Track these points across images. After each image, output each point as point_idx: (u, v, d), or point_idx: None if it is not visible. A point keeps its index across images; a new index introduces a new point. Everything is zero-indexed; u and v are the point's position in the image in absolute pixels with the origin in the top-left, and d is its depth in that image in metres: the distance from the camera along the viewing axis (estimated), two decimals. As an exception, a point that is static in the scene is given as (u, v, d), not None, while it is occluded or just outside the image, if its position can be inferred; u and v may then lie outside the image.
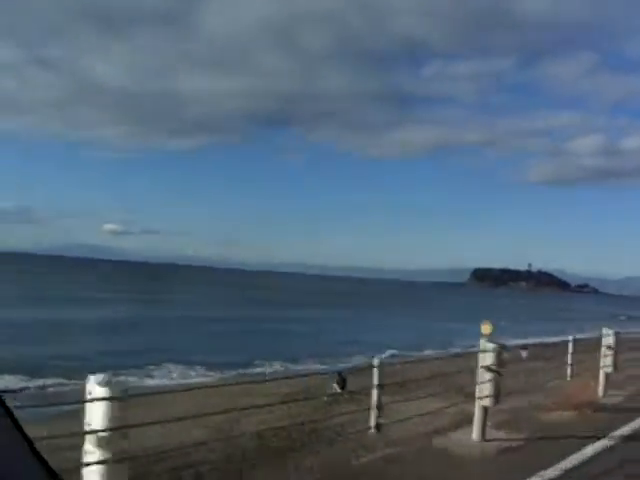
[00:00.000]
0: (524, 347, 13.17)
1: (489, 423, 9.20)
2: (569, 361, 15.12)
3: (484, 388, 8.98)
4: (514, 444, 8.89)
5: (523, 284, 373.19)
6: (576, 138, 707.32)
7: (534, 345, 23.18)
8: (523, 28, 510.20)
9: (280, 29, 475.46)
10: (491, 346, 8.88)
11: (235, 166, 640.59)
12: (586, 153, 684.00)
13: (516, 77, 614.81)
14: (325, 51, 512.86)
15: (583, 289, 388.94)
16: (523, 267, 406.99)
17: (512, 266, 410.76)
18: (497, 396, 9.00)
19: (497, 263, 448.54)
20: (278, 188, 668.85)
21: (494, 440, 8.99)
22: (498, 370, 8.92)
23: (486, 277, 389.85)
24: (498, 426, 9.71)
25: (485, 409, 8.98)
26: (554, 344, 20.29)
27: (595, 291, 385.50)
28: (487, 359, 8.93)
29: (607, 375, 13.57)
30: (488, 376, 8.93)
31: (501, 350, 9.06)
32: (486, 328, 8.96)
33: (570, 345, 15.08)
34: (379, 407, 8.48)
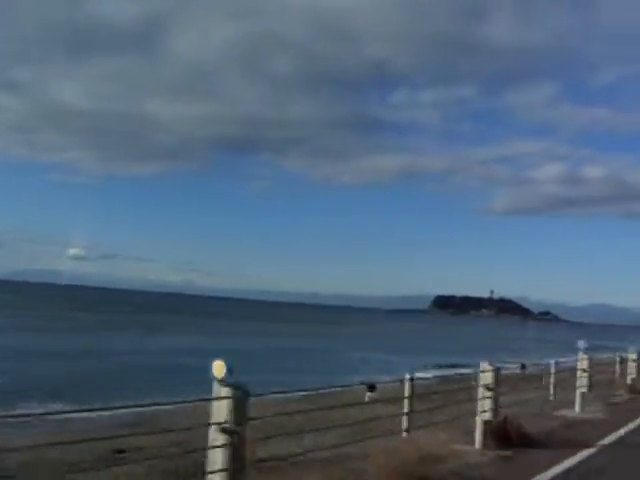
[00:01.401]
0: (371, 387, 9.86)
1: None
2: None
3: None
4: None
5: (485, 311, 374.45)
6: (539, 167, 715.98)
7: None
8: (488, 56, 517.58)
9: (247, 55, 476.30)
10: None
11: (201, 192, 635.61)
12: (549, 182, 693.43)
13: (481, 105, 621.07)
14: (293, 77, 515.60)
15: (545, 316, 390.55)
16: (485, 294, 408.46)
17: (474, 293, 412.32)
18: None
19: (459, 290, 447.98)
20: (244, 215, 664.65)
21: None
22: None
23: (448, 304, 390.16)
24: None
25: None
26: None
27: (556, 318, 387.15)
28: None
29: (485, 423, 10.22)
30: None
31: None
32: (218, 369, 5.69)
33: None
34: None
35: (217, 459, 5.58)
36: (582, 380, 14.78)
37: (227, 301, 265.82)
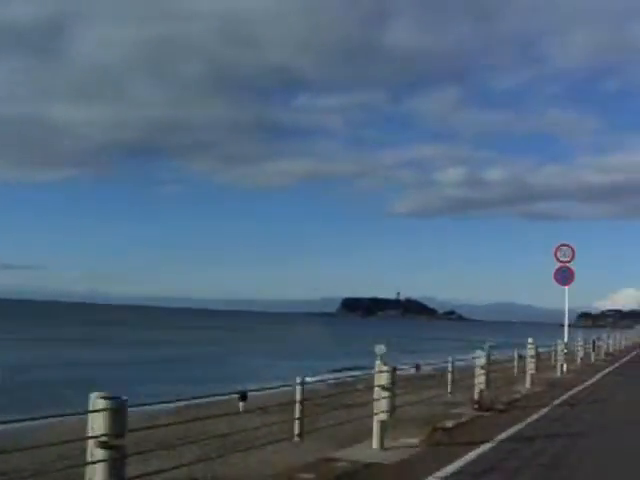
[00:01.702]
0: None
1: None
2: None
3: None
4: None
5: (392, 312, 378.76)
6: (442, 170, 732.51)
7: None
8: (392, 61, 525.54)
9: (154, 58, 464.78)
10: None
11: (107, 198, 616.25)
12: (452, 184, 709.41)
13: (386, 109, 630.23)
14: (200, 82, 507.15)
15: (450, 316, 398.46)
16: (392, 296, 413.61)
17: (382, 295, 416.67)
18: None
19: (367, 292, 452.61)
20: (151, 221, 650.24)
21: None
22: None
23: (356, 306, 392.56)
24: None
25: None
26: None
27: (461, 317, 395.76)
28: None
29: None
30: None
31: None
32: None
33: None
34: None
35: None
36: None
37: (134, 309, 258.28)
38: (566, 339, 26.95)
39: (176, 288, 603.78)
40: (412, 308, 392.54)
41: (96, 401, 5.31)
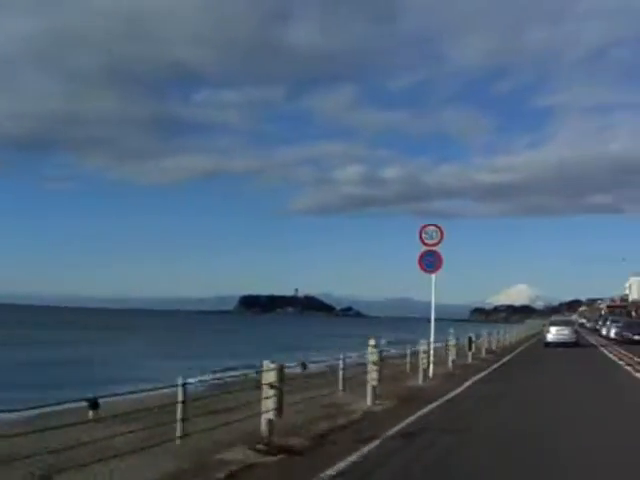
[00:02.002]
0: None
1: None
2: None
3: None
4: None
5: (290, 309, 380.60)
6: (340, 168, 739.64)
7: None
8: (292, 58, 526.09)
9: (46, 50, 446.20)
10: None
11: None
12: (349, 182, 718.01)
13: (285, 107, 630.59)
14: (96, 76, 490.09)
15: (347, 312, 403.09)
16: (291, 293, 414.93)
17: (280, 292, 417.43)
18: None
19: (265, 290, 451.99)
20: (40, 218, 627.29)
21: None
22: None
23: (254, 304, 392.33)
24: None
25: None
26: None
27: (358, 314, 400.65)
28: None
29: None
30: None
31: None
32: None
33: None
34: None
35: None
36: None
37: (16, 308, 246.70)
38: (432, 337, 22.76)
39: (65, 287, 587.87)
40: (310, 305, 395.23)
41: None
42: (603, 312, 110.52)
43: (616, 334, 54.52)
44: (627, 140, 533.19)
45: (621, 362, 29.92)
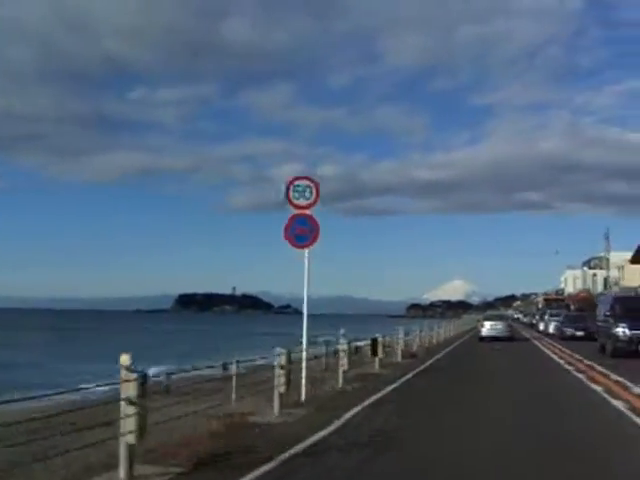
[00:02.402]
0: None
1: None
2: None
3: None
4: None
5: (228, 307, 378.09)
6: (278, 166, 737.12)
7: None
8: (227, 55, 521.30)
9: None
10: None
11: None
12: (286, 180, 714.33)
13: (222, 104, 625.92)
14: (28, 70, 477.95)
15: (285, 310, 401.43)
16: (228, 291, 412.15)
17: (218, 291, 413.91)
18: None
19: (203, 288, 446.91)
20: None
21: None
22: None
23: (191, 302, 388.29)
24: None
25: None
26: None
27: (296, 311, 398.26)
28: None
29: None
30: None
31: None
32: None
33: None
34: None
35: None
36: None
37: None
38: (305, 340, 15.92)
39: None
40: (248, 303, 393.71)
41: None
42: (540, 305, 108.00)
43: (556, 329, 50.47)
44: (559, 139, 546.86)
45: (561, 360, 26.30)
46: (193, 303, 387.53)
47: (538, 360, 28.46)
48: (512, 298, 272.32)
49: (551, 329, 52.98)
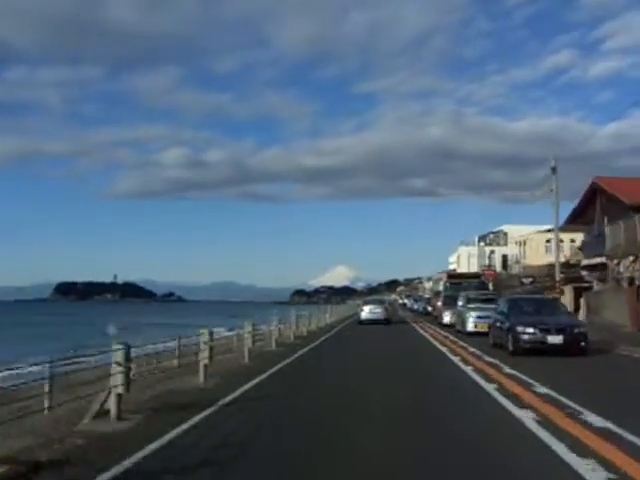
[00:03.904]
0: None
1: None
2: None
3: None
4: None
5: (109, 296, 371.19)
6: (163, 151, 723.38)
7: None
8: (111, 37, 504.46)
9: None
10: None
11: None
12: (172, 165, 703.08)
13: (106, 87, 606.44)
14: None
15: (169, 298, 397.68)
16: (110, 279, 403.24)
17: (99, 279, 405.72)
18: None
19: (83, 277, 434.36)
20: None
21: None
22: None
23: (70, 291, 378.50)
24: None
25: None
26: None
27: (180, 299, 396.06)
28: None
29: None
30: None
31: None
32: None
33: None
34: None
35: None
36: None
37: None
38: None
39: None
40: (130, 291, 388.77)
41: None
42: (442, 286, 60.08)
43: (475, 323, 32.14)
44: (443, 127, 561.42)
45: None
46: (72, 292, 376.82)
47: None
48: (395, 283, 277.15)
49: (469, 326, 32.43)
